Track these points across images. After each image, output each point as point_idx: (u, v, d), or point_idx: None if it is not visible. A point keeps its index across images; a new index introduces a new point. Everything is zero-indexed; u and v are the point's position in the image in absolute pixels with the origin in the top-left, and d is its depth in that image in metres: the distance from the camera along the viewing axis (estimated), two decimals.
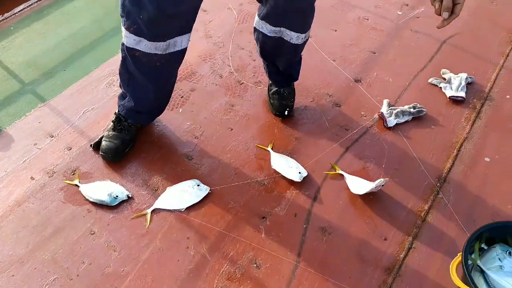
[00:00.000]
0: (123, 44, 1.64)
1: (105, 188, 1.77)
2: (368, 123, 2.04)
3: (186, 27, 1.62)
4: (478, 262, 1.36)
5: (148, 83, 1.73)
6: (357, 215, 1.73)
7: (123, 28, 1.60)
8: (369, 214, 1.73)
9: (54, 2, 2.67)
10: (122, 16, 1.57)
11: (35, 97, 2.16)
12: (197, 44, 2.37)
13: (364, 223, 1.70)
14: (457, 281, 1.29)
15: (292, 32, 1.79)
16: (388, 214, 1.73)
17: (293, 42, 1.82)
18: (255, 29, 1.91)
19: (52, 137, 1.98)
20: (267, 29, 1.83)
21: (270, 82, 2.10)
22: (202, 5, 1.59)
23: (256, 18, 1.87)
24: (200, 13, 1.63)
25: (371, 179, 1.80)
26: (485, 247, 1.41)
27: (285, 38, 1.82)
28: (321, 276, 1.55)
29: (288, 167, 1.83)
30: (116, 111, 1.92)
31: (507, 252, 1.37)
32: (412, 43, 2.47)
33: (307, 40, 1.88)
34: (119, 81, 1.84)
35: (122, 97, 1.88)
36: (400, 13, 2.66)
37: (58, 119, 2.06)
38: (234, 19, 2.57)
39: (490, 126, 2.05)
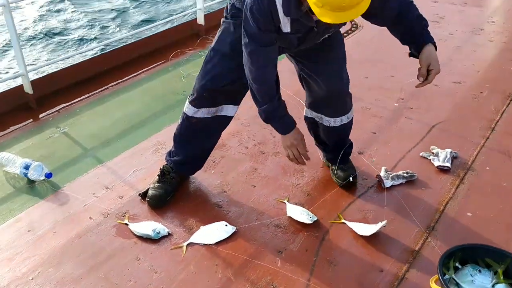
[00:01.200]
0: (184, 113, 2.23)
1: (149, 225, 2.17)
2: (369, 183, 2.44)
3: (235, 100, 2.20)
4: (453, 275, 1.66)
5: (196, 141, 2.27)
6: (358, 252, 2.06)
7: (187, 102, 2.21)
8: (368, 251, 2.06)
9: (113, 92, 3.31)
10: (191, 94, 2.20)
11: (95, 160, 2.67)
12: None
13: (364, 258, 2.03)
14: (436, 287, 1.60)
15: (328, 117, 2.30)
16: (384, 252, 2.06)
17: (331, 125, 2.31)
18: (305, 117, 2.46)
19: (107, 188, 2.43)
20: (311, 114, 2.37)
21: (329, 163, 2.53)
22: None
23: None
24: None
25: None
26: (459, 266, 1.72)
27: (323, 123, 2.32)
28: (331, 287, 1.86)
29: (300, 214, 2.21)
30: (161, 167, 2.39)
31: (478, 270, 1.67)
32: (406, 127, 2.96)
33: (347, 123, 2.34)
34: (171, 143, 2.35)
35: (169, 154, 2.36)
36: (397, 105, 3.19)
37: (112, 176, 2.53)
38: None
39: (472, 189, 2.43)
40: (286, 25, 1.89)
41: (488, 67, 3.72)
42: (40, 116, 3.09)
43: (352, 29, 4.36)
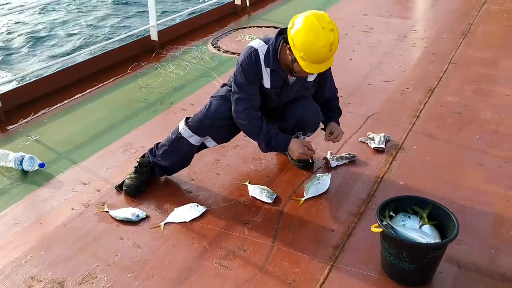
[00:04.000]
0: (180, 133, 2.55)
1: (129, 210, 2.43)
2: (318, 164, 2.83)
3: (219, 138, 2.63)
4: (389, 222, 2.05)
5: (179, 156, 2.63)
6: (312, 218, 2.42)
7: (184, 124, 2.55)
8: (320, 217, 2.43)
9: (79, 102, 3.54)
10: (188, 118, 2.56)
11: (69, 161, 2.89)
12: None
13: (317, 223, 2.40)
14: (376, 229, 1.98)
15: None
16: (334, 216, 2.44)
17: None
18: None
19: (85, 184, 2.67)
20: None
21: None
22: None
23: None
24: None
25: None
26: (393, 215, 2.12)
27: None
28: (289, 252, 2.20)
29: (261, 193, 2.55)
30: (138, 160, 2.66)
31: (408, 216, 2.07)
32: (346, 118, 3.36)
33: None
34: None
35: (152, 154, 2.66)
36: None
37: (88, 173, 2.77)
38: None
39: (403, 164, 2.87)
40: (267, 81, 2.44)
41: (412, 68, 4.28)
42: (8, 127, 3.26)
43: None
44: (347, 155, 2.89)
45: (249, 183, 2.67)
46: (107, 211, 2.44)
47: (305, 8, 2.46)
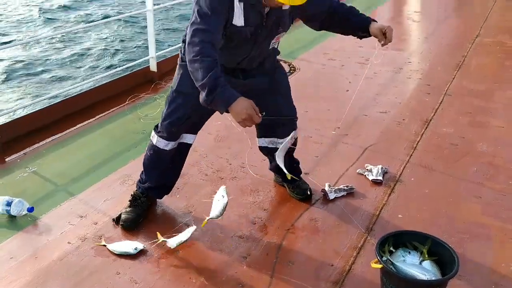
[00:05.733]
0: (155, 145, 2.51)
1: (127, 243, 2.40)
2: (316, 197, 2.83)
3: (195, 130, 2.54)
4: (389, 257, 2.04)
5: (164, 168, 2.57)
6: (311, 252, 2.41)
7: (155, 134, 2.50)
8: (319, 251, 2.42)
9: (77, 134, 3.55)
10: (159, 131, 2.49)
11: (66, 193, 2.87)
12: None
13: (316, 257, 2.38)
14: (376, 265, 1.97)
15: (280, 138, 2.57)
16: (333, 250, 2.42)
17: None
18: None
19: (82, 217, 2.65)
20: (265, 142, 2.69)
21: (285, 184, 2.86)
22: None
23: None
24: None
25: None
26: (393, 250, 2.10)
27: (277, 147, 2.57)
28: (289, 287, 2.18)
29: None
30: (132, 193, 2.65)
31: (408, 252, 2.06)
32: (343, 150, 3.41)
33: (296, 139, 2.63)
34: (137, 175, 2.63)
35: (140, 181, 2.63)
36: (334, 132, 3.65)
37: (85, 206, 2.75)
38: (213, 139, 3.48)
39: (401, 197, 2.88)
40: (239, 17, 2.09)
41: (407, 99, 4.33)
42: (6, 159, 3.25)
43: (291, 71, 4.89)
44: (345, 187, 2.89)
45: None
46: (104, 245, 2.42)
47: (308, 38, 2.49)
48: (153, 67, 4.57)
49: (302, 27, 2.67)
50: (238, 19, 2.11)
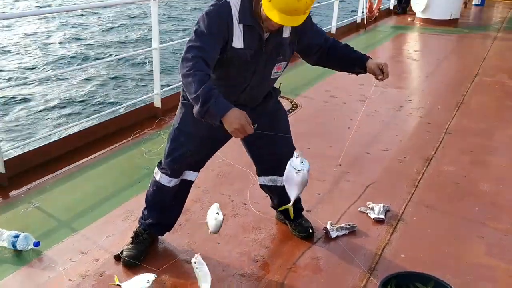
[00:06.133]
0: (158, 182, 2.54)
1: (140, 278, 2.32)
2: (318, 235, 2.83)
3: (197, 168, 2.57)
4: None
5: (167, 205, 2.59)
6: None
7: (158, 171, 2.53)
8: None
9: (81, 169, 3.58)
10: (163, 168, 2.51)
11: (69, 229, 2.87)
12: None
13: None
14: None
15: (280, 177, 2.46)
16: None
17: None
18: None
19: (83, 253, 2.65)
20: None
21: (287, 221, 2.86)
22: None
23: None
24: None
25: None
26: None
27: (277, 185, 2.62)
28: None
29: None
30: (134, 230, 2.66)
31: None
32: (345, 187, 3.42)
33: None
34: (139, 211, 2.64)
35: (142, 218, 2.64)
36: (336, 170, 3.67)
37: (87, 242, 2.75)
38: (216, 175, 3.50)
39: (403, 236, 2.87)
40: (238, 39, 2.14)
41: (408, 137, 4.38)
42: (11, 194, 3.27)
43: (293, 108, 4.97)
44: (347, 226, 2.89)
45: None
46: (119, 285, 2.39)
47: (309, 75, 2.55)
48: (158, 103, 4.65)
49: (303, 65, 2.74)
50: (238, 41, 2.15)
